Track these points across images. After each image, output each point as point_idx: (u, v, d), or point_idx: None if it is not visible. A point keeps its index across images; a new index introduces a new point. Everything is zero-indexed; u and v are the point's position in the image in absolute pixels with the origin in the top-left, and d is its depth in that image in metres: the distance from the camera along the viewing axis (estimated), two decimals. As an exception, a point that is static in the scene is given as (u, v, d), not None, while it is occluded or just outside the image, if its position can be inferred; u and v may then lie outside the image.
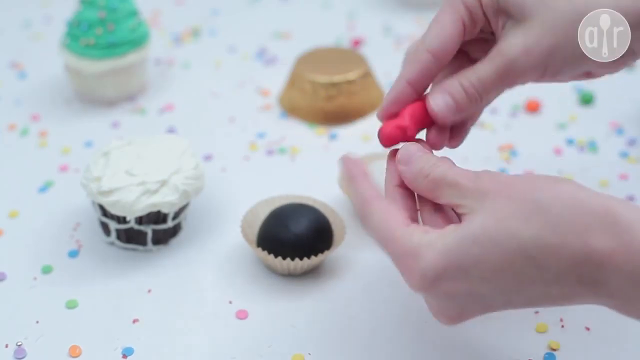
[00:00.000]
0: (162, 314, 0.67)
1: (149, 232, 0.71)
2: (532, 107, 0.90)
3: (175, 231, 0.74)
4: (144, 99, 0.93)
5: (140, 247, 0.73)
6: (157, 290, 0.69)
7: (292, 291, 0.69)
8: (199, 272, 0.71)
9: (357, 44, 1.02)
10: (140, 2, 0.97)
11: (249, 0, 1.12)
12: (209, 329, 0.66)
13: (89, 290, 0.69)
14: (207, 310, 0.67)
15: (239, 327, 0.66)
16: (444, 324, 0.54)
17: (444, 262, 0.50)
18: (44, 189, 0.80)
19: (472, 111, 0.59)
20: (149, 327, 0.66)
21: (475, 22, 0.59)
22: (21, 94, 0.94)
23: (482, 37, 0.61)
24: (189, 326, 0.66)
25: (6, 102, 0.93)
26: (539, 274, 0.49)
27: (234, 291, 0.69)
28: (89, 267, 0.71)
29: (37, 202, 0.78)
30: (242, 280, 0.70)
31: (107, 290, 0.69)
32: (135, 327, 0.66)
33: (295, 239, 0.68)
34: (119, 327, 0.66)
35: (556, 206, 0.48)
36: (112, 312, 0.67)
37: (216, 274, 0.71)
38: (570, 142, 0.86)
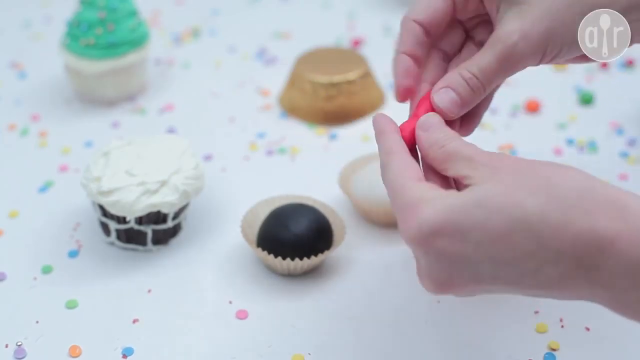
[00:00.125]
0: (162, 314, 0.67)
1: (149, 232, 0.71)
2: (532, 107, 0.90)
3: (175, 231, 0.74)
4: (144, 99, 0.93)
5: (140, 247, 0.73)
6: (157, 290, 0.69)
7: (292, 291, 0.69)
8: (199, 272, 0.71)
9: (356, 44, 1.02)
10: (140, 2, 0.97)
11: (249, 0, 1.12)
12: (209, 329, 0.66)
13: (89, 290, 0.69)
14: (207, 310, 0.67)
15: (239, 327, 0.66)
16: (428, 291, 0.52)
17: (443, 218, 0.49)
18: (44, 189, 0.80)
19: (478, 101, 0.59)
20: (149, 327, 0.66)
21: None
22: (21, 94, 0.94)
23: (485, 19, 0.61)
24: (189, 326, 0.66)
25: (6, 102, 0.93)
26: (537, 249, 0.48)
27: (234, 291, 0.69)
28: (89, 267, 0.71)
29: (37, 202, 0.78)
30: (242, 280, 0.70)
31: (107, 290, 0.69)
32: (135, 327, 0.66)
33: (295, 239, 0.68)
34: (119, 327, 0.66)
35: (566, 185, 0.48)
36: (112, 312, 0.67)
37: (216, 274, 0.71)
38: (570, 142, 0.85)
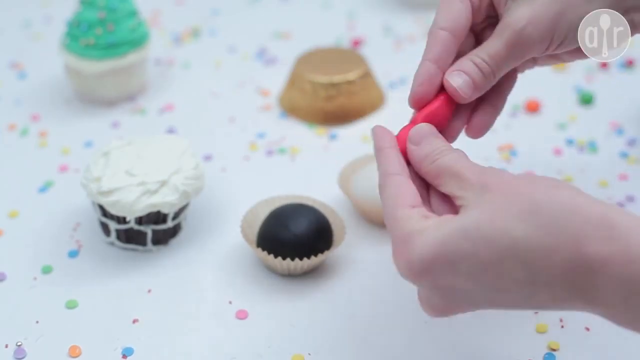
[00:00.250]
0: (162, 314, 0.67)
1: (149, 232, 0.71)
2: (532, 107, 0.90)
3: (175, 231, 0.74)
4: (144, 99, 0.93)
5: (140, 247, 0.73)
6: (157, 290, 0.69)
7: (292, 291, 0.69)
8: (199, 272, 0.71)
9: (356, 44, 1.02)
10: (140, 2, 0.97)
11: (249, 0, 1.12)
12: (209, 329, 0.66)
13: (89, 290, 0.69)
14: (207, 310, 0.67)
15: (239, 327, 0.66)
16: (429, 315, 0.53)
17: (432, 255, 0.49)
18: (44, 189, 0.80)
19: (488, 87, 0.59)
20: (149, 327, 0.66)
21: None
22: (21, 94, 0.94)
23: (492, 22, 0.62)
24: (189, 326, 0.66)
25: (6, 102, 0.93)
26: (528, 276, 0.48)
27: (234, 291, 0.69)
28: (89, 267, 0.71)
29: (37, 202, 0.78)
30: (242, 280, 0.70)
31: (107, 290, 0.69)
32: (135, 327, 0.66)
33: (295, 239, 0.68)
34: (119, 327, 0.66)
35: (552, 208, 0.47)
36: (112, 312, 0.67)
37: (216, 274, 0.71)
38: (570, 142, 0.85)
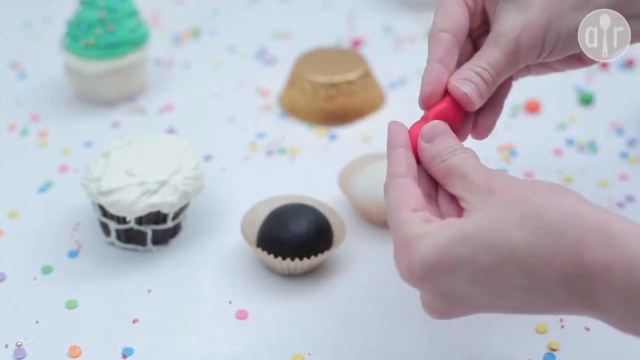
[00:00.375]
0: (162, 314, 0.67)
1: (149, 232, 0.71)
2: (532, 107, 0.90)
3: (175, 231, 0.74)
4: (144, 99, 0.93)
5: (140, 247, 0.73)
6: (157, 290, 0.69)
7: (292, 291, 0.69)
8: (199, 272, 0.71)
9: (356, 44, 1.02)
10: (140, 2, 0.97)
11: (249, 0, 1.12)
12: (209, 329, 0.66)
13: (89, 290, 0.69)
14: (207, 310, 0.67)
15: (239, 327, 0.66)
16: (431, 317, 0.54)
17: (433, 259, 0.49)
18: (44, 189, 0.80)
19: (488, 96, 0.60)
20: (149, 327, 0.66)
21: (475, 2, 0.61)
22: (21, 94, 0.94)
23: (488, 29, 0.62)
24: (189, 326, 0.66)
25: (6, 102, 0.93)
26: (527, 282, 0.48)
27: (234, 291, 0.69)
28: (88, 267, 0.71)
29: (37, 202, 0.78)
30: (242, 280, 0.70)
31: (107, 290, 0.69)
32: (135, 327, 0.66)
33: (295, 239, 0.68)
34: (119, 327, 0.66)
35: (552, 215, 0.47)
36: (112, 312, 0.67)
37: (216, 274, 0.71)
38: (570, 142, 0.85)
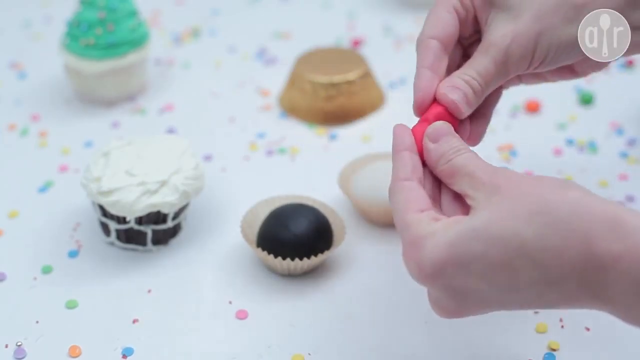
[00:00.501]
0: (162, 314, 0.67)
1: (149, 232, 0.71)
2: (532, 108, 0.90)
3: (175, 231, 0.74)
4: (144, 99, 0.93)
5: (140, 247, 0.73)
6: (157, 290, 0.69)
7: (292, 291, 0.69)
8: (199, 272, 0.71)
9: (356, 44, 1.02)
10: (140, 2, 0.97)
11: (249, 0, 1.12)
12: (209, 329, 0.66)
13: (89, 290, 0.69)
14: (207, 310, 0.67)
15: (239, 327, 0.66)
16: (439, 316, 0.54)
17: (443, 257, 0.50)
18: (44, 189, 0.80)
19: (477, 105, 0.60)
20: (149, 327, 0.66)
21: (467, 10, 0.61)
22: (21, 94, 0.94)
23: (480, 38, 0.62)
24: (189, 326, 0.66)
25: (6, 102, 0.93)
26: (538, 275, 0.48)
27: (234, 291, 0.69)
28: (89, 267, 0.71)
29: (37, 202, 0.78)
30: (242, 280, 0.70)
31: (107, 290, 0.69)
32: (135, 327, 0.66)
33: (295, 239, 0.68)
34: (119, 327, 0.66)
35: (561, 209, 0.48)
36: (112, 312, 0.67)
37: (216, 274, 0.71)
38: (570, 142, 0.85)
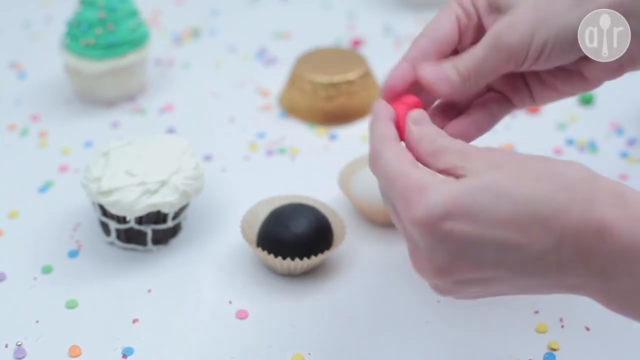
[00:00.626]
0: (162, 314, 0.67)
1: (149, 232, 0.71)
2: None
3: (175, 231, 0.74)
4: (144, 99, 0.93)
5: (140, 247, 0.73)
6: (157, 290, 0.69)
7: (292, 291, 0.69)
8: (199, 272, 0.71)
9: (356, 44, 1.02)
10: (140, 2, 0.97)
11: (249, 0, 1.12)
12: (209, 329, 0.66)
13: (89, 290, 0.69)
14: (207, 310, 0.67)
15: (239, 327, 0.66)
16: (424, 276, 0.52)
17: (452, 201, 0.49)
18: (44, 189, 0.80)
19: (466, 90, 0.59)
20: (149, 327, 0.66)
21: (469, 16, 0.61)
22: (21, 94, 0.94)
23: None
24: (189, 326, 0.66)
25: (6, 102, 0.93)
26: (542, 233, 0.49)
27: (234, 291, 0.69)
28: (89, 267, 0.71)
29: (37, 202, 0.78)
30: (242, 280, 0.70)
31: (107, 290, 0.69)
32: (135, 327, 0.66)
33: (295, 239, 0.68)
34: (119, 327, 0.66)
35: (569, 173, 0.50)
36: (112, 312, 0.67)
37: (216, 274, 0.71)
38: (570, 142, 0.85)
